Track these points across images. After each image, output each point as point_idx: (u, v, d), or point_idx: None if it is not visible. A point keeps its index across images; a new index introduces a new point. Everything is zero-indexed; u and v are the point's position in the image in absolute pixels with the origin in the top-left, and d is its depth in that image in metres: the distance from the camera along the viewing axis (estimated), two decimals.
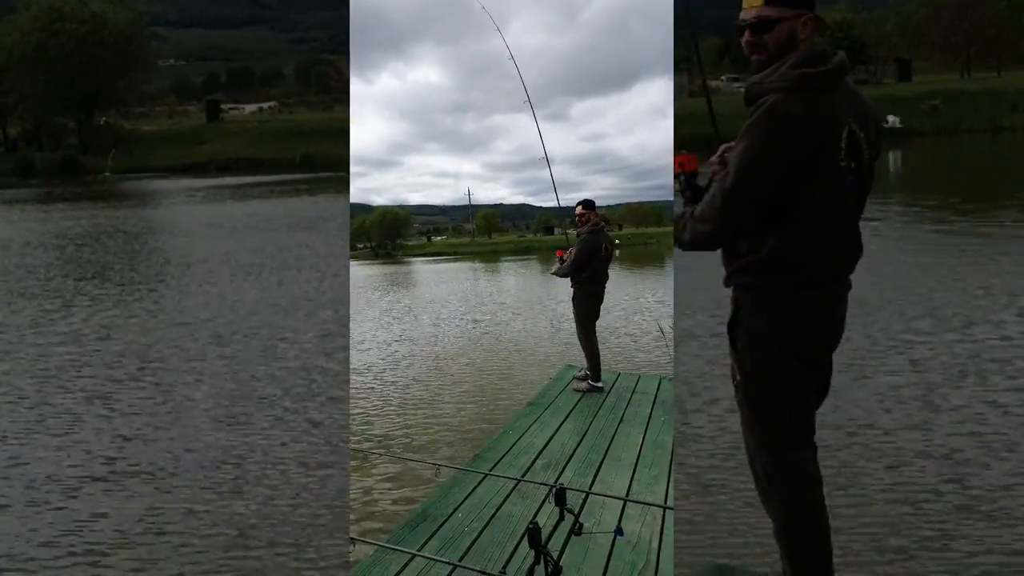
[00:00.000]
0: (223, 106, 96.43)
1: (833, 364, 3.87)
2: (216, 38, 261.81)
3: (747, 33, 3.70)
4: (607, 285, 9.60)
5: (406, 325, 19.72)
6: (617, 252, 11.31)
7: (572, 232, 9.72)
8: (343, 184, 45.51)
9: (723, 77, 79.59)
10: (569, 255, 9.40)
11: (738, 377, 3.82)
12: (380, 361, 14.16)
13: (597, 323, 9.58)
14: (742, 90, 3.82)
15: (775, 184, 3.55)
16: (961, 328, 10.82)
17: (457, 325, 19.25)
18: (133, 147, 71.38)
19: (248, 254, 20.94)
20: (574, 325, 9.64)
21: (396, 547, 4.83)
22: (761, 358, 3.75)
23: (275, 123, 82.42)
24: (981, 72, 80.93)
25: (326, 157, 62.66)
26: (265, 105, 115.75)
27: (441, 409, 10.69)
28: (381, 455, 8.32)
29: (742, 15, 3.72)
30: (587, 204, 9.47)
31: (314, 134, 70.04)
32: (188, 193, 45.37)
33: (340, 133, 68.56)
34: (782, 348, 3.71)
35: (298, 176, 54.49)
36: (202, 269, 18.86)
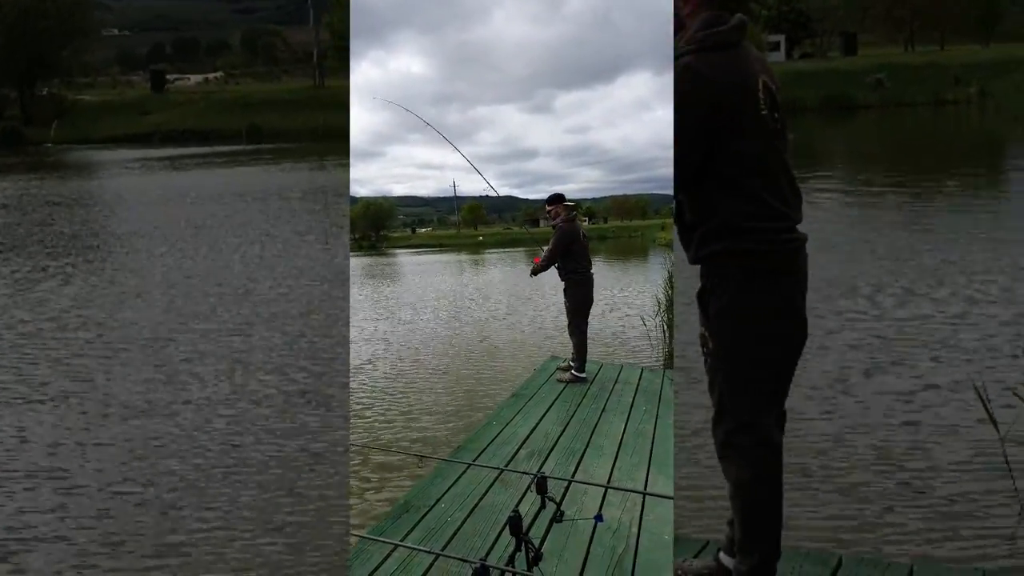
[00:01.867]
0: (168, 76, 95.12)
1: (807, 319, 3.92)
2: (161, 7, 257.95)
3: None
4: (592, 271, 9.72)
5: (390, 317, 19.61)
6: None
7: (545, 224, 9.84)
8: (287, 155, 45.24)
9: None
10: (546, 250, 9.48)
11: (710, 345, 3.87)
12: (361, 353, 14.10)
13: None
14: None
15: (701, 134, 3.67)
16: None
17: (440, 317, 19.19)
18: (76, 118, 70.22)
19: (190, 225, 20.82)
20: (562, 317, 9.73)
21: (378, 538, 4.87)
22: (734, 327, 3.80)
23: (221, 94, 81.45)
24: (925, 46, 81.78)
25: (273, 129, 62.20)
26: (211, 76, 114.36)
27: (423, 401, 10.68)
28: (364, 447, 8.32)
29: None
30: (554, 199, 9.59)
31: (260, 105, 69.39)
32: (124, 164, 44.76)
33: (288, 104, 68.05)
34: (754, 314, 3.77)
35: (244, 147, 53.97)
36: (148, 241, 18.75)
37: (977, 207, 19.28)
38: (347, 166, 38.45)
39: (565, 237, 9.38)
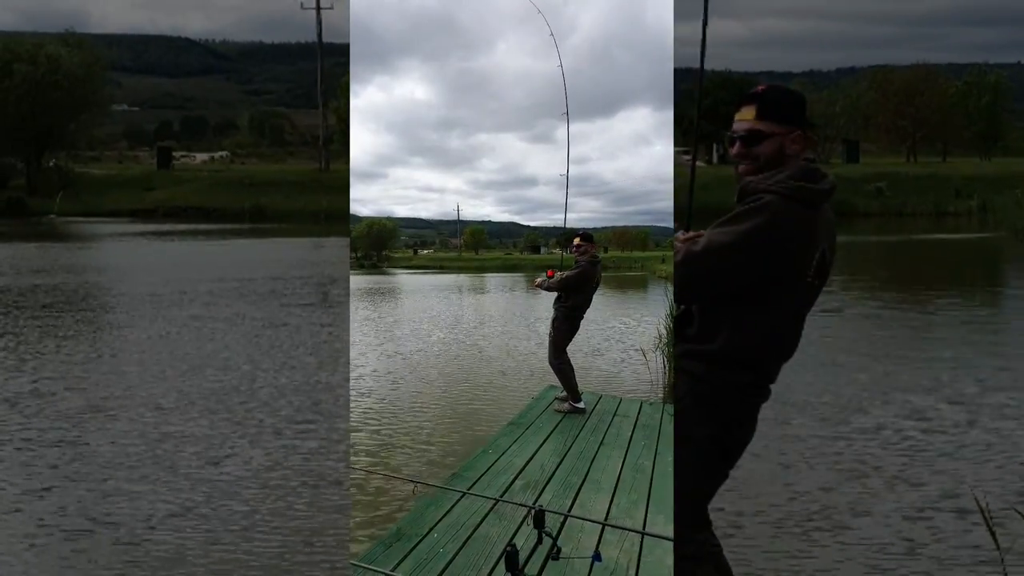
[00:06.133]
0: (175, 153, 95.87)
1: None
2: (171, 86, 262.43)
3: (737, 144, 3.82)
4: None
5: (386, 339, 19.38)
6: None
7: (558, 251, 9.99)
8: (285, 232, 45.46)
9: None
10: (561, 275, 9.54)
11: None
12: (355, 376, 13.92)
13: (574, 343, 9.75)
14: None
15: (738, 272, 3.64)
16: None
17: (437, 340, 18.97)
18: (81, 190, 70.46)
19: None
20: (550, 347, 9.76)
21: (369, 566, 4.71)
22: (685, 445, 3.85)
23: (226, 173, 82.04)
24: (927, 157, 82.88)
25: (276, 209, 62.59)
26: (217, 154, 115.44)
27: (417, 426, 10.47)
28: (358, 471, 8.18)
29: (735, 127, 3.83)
30: (587, 237, 9.70)
31: (265, 185, 69.89)
32: (115, 237, 44.73)
33: (292, 186, 68.65)
34: (711, 444, 3.80)
35: (245, 226, 54.19)
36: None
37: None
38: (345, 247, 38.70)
39: (586, 276, 9.54)
